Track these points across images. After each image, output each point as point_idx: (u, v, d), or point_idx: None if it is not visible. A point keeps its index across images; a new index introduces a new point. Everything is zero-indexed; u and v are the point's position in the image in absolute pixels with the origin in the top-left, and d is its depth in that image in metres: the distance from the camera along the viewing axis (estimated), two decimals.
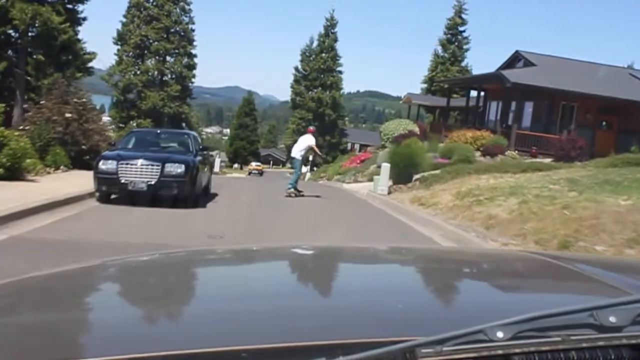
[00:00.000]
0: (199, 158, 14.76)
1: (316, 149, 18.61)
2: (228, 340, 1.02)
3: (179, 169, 13.39)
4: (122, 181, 13.19)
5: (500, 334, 0.92)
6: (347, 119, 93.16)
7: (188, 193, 13.52)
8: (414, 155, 23.33)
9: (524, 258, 2.13)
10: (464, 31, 63.04)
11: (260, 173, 70.86)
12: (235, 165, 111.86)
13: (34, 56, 29.24)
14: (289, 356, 0.96)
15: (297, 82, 79.01)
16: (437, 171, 22.91)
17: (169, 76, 67.47)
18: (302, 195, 18.57)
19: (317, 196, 19.67)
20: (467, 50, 63.46)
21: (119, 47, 65.44)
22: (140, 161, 13.34)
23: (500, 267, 1.95)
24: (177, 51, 66.45)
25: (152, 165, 13.30)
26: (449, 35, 62.92)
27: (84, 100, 20.37)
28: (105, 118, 79.97)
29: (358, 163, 31.48)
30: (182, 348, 0.96)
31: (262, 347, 0.95)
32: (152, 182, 13.22)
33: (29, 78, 28.19)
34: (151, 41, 65.54)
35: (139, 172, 13.22)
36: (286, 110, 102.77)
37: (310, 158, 25.11)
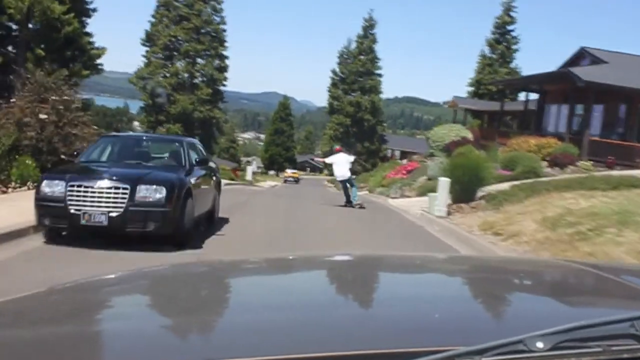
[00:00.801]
0: (194, 175, 10.35)
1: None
2: (268, 349, 1.00)
3: (158, 193, 8.91)
4: (72, 212, 8.71)
5: (540, 345, 0.91)
6: (385, 124, 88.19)
7: (172, 228, 9.05)
8: (477, 167, 18.60)
9: (562, 267, 2.07)
10: (512, 30, 57.70)
11: (296, 180, 66.36)
12: (271, 172, 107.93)
13: (34, 51, 25.18)
14: None
15: (334, 85, 74.44)
16: (504, 186, 18.19)
17: (200, 79, 63.61)
18: (353, 207, 18.43)
19: (359, 219, 15.57)
20: (516, 50, 58.02)
21: (147, 48, 61.82)
22: (99, 182, 8.88)
23: (539, 276, 1.91)
24: (207, 52, 62.56)
25: (118, 188, 8.83)
26: (497, 35, 57.57)
27: (66, 98, 16.02)
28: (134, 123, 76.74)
29: (404, 174, 26.79)
30: (226, 357, 0.97)
31: (302, 357, 0.95)
32: (116, 214, 8.74)
33: (28, 76, 23.63)
34: (181, 42, 61.84)
35: (98, 198, 8.76)
36: (323, 116, 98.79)
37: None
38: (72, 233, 9.21)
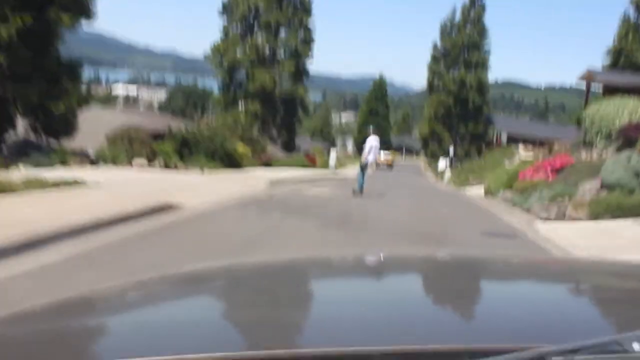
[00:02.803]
0: None
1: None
2: (343, 342, 0.98)
3: None
4: None
5: (636, 346, 0.86)
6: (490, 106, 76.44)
7: None
8: None
9: (635, 269, 1.99)
10: None
11: (390, 166, 56.40)
12: None
13: None
14: None
15: (435, 60, 63.59)
16: None
17: (282, 53, 54.72)
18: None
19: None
20: None
21: (224, 20, 53.62)
22: None
23: (627, 278, 1.80)
24: (291, 23, 53.50)
25: None
26: None
27: None
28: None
29: (549, 174, 16.57)
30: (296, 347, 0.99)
31: (393, 349, 0.93)
32: None
33: None
34: (261, 12, 53.04)
35: None
36: (421, 99, 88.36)
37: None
38: None
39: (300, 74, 54.55)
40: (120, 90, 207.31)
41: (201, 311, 1.29)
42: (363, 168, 16.71)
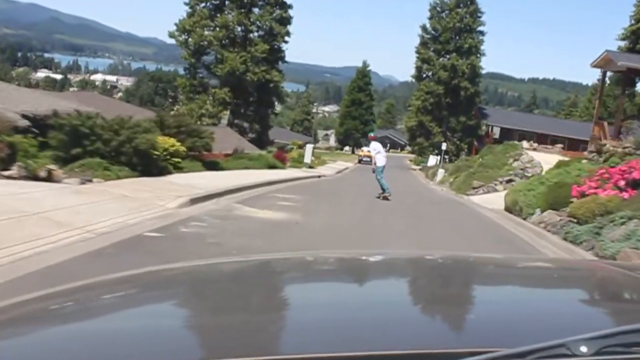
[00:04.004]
0: None
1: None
2: (315, 348, 0.96)
3: None
4: None
5: (584, 349, 0.85)
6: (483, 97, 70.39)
7: None
8: None
9: (603, 270, 1.99)
10: None
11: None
12: (346, 149, 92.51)
13: None
14: None
15: (424, 45, 57.18)
16: None
17: (255, 33, 48.25)
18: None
19: None
20: None
21: None
22: None
23: (580, 279, 1.83)
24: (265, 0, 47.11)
25: None
26: None
27: None
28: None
29: (624, 189, 10.38)
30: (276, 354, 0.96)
31: (343, 355, 0.92)
32: None
33: None
34: None
35: None
36: (406, 90, 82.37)
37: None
38: None
39: (275, 56, 48.14)
40: (98, 77, 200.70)
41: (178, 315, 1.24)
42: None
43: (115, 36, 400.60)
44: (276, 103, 52.46)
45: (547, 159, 28.19)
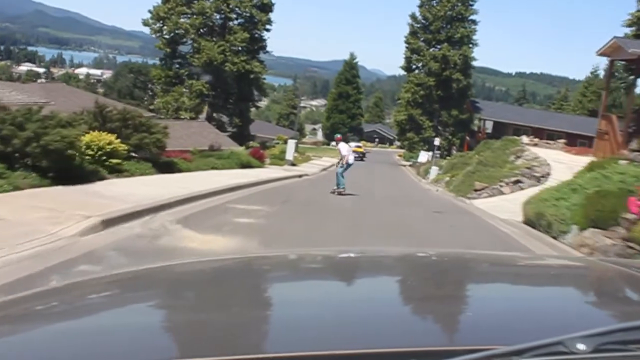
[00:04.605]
0: None
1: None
2: (303, 345, 0.96)
3: None
4: None
5: (581, 346, 0.85)
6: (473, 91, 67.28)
7: None
8: None
9: (602, 267, 1.96)
10: None
11: (362, 157, 47.15)
12: (333, 144, 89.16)
13: None
14: None
15: (413, 35, 53.87)
16: None
17: (235, 21, 44.93)
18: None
19: None
20: None
21: None
22: None
23: (578, 276, 1.81)
24: None
25: None
26: None
27: None
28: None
29: None
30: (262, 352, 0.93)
31: (334, 354, 0.90)
32: None
33: None
34: None
35: None
36: (393, 84, 79.37)
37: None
38: None
39: (256, 46, 44.87)
40: (83, 71, 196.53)
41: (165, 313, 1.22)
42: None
43: (100, 29, 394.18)
44: (257, 95, 49.15)
45: (551, 156, 25.16)
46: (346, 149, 17.25)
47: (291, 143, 32.72)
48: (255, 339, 1.00)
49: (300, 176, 24.22)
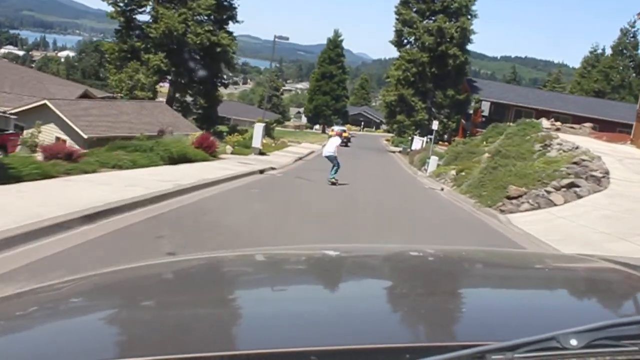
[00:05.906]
0: None
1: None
2: (297, 342, 0.95)
3: None
4: None
5: (573, 342, 0.86)
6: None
7: None
8: None
9: (595, 264, 1.95)
10: None
11: (346, 142, 40.21)
12: (316, 127, 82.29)
13: None
14: (357, 359, 0.91)
15: (404, 5, 47.00)
16: None
17: None
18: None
19: None
20: None
21: None
22: None
23: (571, 272, 1.80)
24: None
25: None
26: None
27: None
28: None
29: None
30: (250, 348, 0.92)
31: (330, 349, 0.90)
32: None
33: None
34: None
35: None
36: (379, 68, 72.83)
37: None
38: None
39: (224, 15, 37.90)
40: (66, 54, 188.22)
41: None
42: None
43: (86, 12, 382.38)
44: (229, 76, 42.25)
45: (582, 144, 18.63)
46: (333, 145, 16.53)
47: (258, 127, 25.91)
48: (243, 336, 0.98)
49: (261, 172, 17.52)
